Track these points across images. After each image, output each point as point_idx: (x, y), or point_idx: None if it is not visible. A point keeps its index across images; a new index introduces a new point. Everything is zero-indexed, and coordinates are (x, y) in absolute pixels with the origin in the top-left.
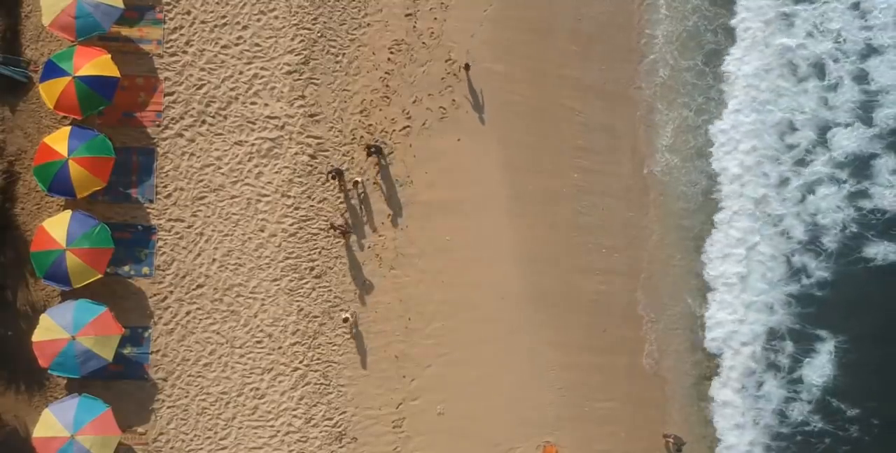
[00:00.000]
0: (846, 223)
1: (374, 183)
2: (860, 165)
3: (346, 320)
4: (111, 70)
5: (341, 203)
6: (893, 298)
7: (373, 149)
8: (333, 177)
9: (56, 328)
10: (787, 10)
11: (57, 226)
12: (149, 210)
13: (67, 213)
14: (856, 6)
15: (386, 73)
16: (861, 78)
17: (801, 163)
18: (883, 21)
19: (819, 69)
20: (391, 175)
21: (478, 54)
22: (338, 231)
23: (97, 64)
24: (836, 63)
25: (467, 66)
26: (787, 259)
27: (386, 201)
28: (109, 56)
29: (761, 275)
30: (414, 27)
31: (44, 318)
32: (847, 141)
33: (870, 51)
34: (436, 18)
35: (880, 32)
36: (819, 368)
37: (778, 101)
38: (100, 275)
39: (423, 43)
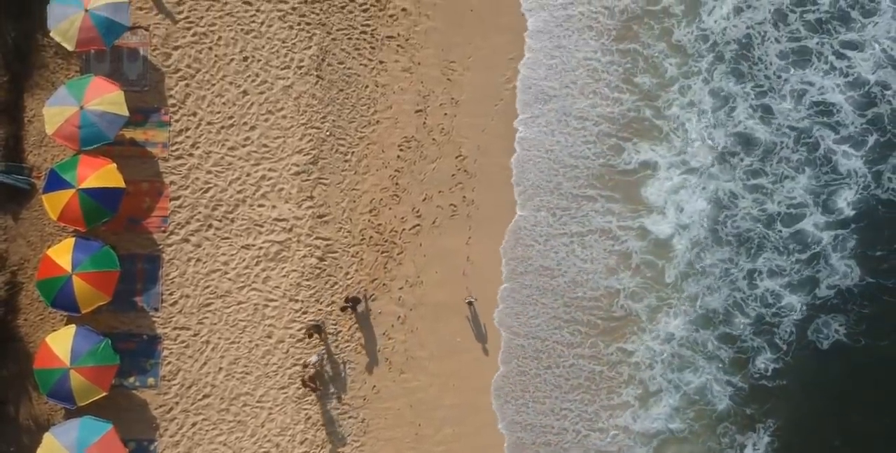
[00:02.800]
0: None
1: (356, 333)
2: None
3: None
4: (116, 181)
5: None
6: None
7: (349, 303)
8: (311, 335)
9: (60, 448)
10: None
11: (61, 342)
12: (154, 318)
13: (71, 329)
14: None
15: (396, 170)
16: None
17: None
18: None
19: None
20: (373, 324)
21: (488, 149)
22: (308, 387)
23: (102, 175)
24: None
25: (470, 303)
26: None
27: (365, 352)
28: (114, 165)
29: None
30: (424, 123)
31: (47, 437)
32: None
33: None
34: (446, 114)
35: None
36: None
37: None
38: (104, 393)
39: (434, 139)
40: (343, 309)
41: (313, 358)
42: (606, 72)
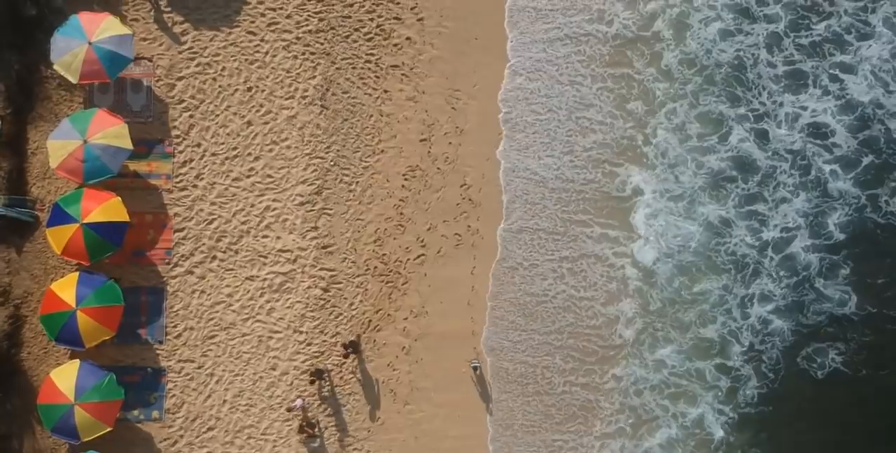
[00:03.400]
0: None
1: (359, 364)
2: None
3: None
4: (120, 215)
5: (320, 404)
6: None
7: (349, 349)
8: (312, 382)
9: None
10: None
11: (65, 378)
12: (158, 351)
13: (76, 364)
14: None
15: (400, 200)
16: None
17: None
18: None
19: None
20: (369, 370)
21: (493, 178)
22: (304, 433)
23: (106, 209)
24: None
25: (476, 369)
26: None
27: (370, 383)
28: (119, 199)
29: None
30: (429, 152)
31: None
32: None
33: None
34: (450, 143)
35: None
36: None
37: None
38: (109, 428)
39: (438, 168)
40: (345, 356)
41: (297, 403)
42: (597, 97)
